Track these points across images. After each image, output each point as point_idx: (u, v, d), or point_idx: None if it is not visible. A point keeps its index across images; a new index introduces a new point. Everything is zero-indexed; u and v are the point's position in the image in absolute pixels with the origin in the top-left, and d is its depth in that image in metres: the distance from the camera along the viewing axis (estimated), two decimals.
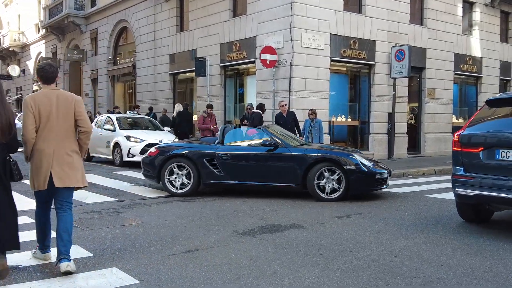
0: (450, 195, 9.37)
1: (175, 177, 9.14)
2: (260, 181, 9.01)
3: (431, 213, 7.73)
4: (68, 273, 4.46)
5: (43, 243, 4.88)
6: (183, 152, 9.23)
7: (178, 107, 18.48)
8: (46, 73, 4.59)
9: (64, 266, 4.47)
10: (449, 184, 11.05)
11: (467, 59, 19.70)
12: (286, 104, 12.20)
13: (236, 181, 9.11)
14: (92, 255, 5.14)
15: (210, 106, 15.23)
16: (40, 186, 4.52)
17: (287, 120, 11.94)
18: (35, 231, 4.90)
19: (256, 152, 9.11)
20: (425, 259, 5.10)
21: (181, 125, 17.04)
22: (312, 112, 12.90)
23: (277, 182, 8.94)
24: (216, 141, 9.52)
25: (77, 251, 5.25)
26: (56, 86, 4.69)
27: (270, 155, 8.98)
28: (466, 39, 19.67)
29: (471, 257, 5.24)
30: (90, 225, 6.56)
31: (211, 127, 14.85)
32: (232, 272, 4.59)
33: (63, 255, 4.53)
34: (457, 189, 6.43)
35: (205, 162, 9.08)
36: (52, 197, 4.71)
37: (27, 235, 5.61)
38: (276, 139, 9.11)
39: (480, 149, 6.21)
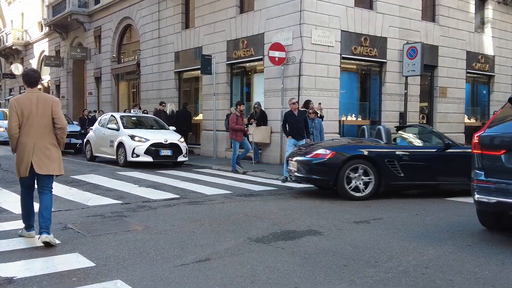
0: (471, 198, 9.00)
1: (355, 181, 8.69)
2: (437, 180, 9.14)
3: (455, 218, 7.28)
4: (46, 244, 5.22)
5: (27, 222, 5.65)
6: (365, 154, 8.80)
7: (171, 107, 18.20)
8: (30, 78, 5.44)
9: (44, 237, 5.24)
10: (468, 186, 10.83)
11: (480, 57, 19.21)
12: (297, 102, 11.43)
13: (416, 182, 9.07)
14: (94, 265, 4.70)
15: (241, 103, 13.86)
16: (23, 173, 5.39)
17: (298, 119, 11.09)
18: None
19: (432, 151, 9.23)
20: (459, 271, 4.65)
21: (179, 124, 16.65)
22: (313, 112, 12.49)
23: (453, 181, 9.12)
24: (384, 142, 9.23)
25: (77, 260, 4.83)
26: (39, 89, 5.61)
27: (447, 154, 9.10)
28: (478, 36, 19.18)
29: (508, 267, 4.79)
30: (93, 230, 6.14)
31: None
32: (249, 287, 4.14)
33: (43, 229, 5.31)
34: (477, 196, 5.94)
35: (386, 163, 8.77)
36: (33, 183, 5.53)
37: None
38: (447, 139, 9.36)
39: (503, 151, 5.71)
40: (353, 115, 16.01)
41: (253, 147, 14.85)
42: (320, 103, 13.62)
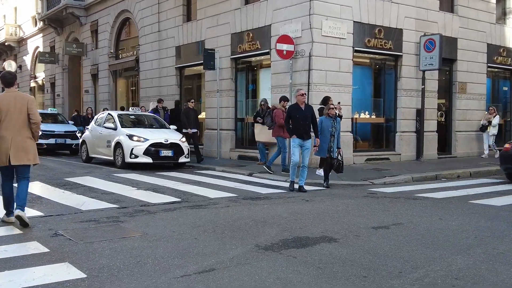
0: (497, 201, 8.79)
1: None
2: None
3: (483, 222, 6.97)
4: (18, 217, 6.23)
5: (8, 209, 6.56)
6: None
7: (154, 105, 18.01)
8: (6, 79, 6.46)
9: (17, 212, 6.26)
10: (492, 188, 10.61)
11: (501, 50, 18.87)
12: (305, 94, 10.45)
13: None
14: (86, 276, 4.45)
15: (286, 99, 13.03)
16: (2, 162, 6.28)
17: (304, 114, 9.99)
18: None
19: None
20: (494, 283, 4.36)
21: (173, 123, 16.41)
22: (335, 107, 12.14)
23: None
24: None
25: (67, 271, 4.58)
26: (16, 88, 6.65)
27: None
28: (500, 28, 18.84)
29: None
30: (85, 237, 5.89)
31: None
32: None
33: (19, 206, 6.31)
34: None
35: None
36: (13, 172, 6.49)
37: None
38: None
39: None
40: (367, 112, 15.70)
41: (259, 147, 14.66)
42: (339, 102, 13.27)
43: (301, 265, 4.83)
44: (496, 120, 16.86)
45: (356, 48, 14.60)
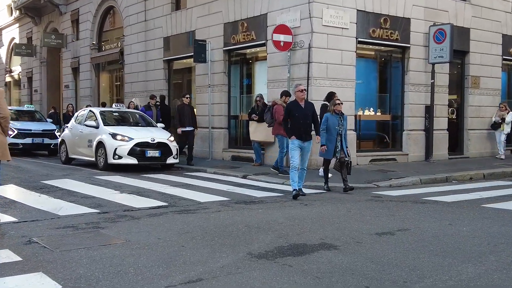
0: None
1: None
2: None
3: (496, 228, 6.98)
4: None
5: None
6: None
7: (137, 101, 18.08)
8: None
9: None
10: (507, 191, 10.63)
11: None
12: (305, 90, 10.25)
13: None
14: (61, 286, 4.44)
15: (288, 94, 12.92)
16: None
17: (305, 112, 9.82)
18: None
19: None
20: None
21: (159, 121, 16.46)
22: (341, 102, 12.13)
23: None
24: None
25: (41, 282, 4.57)
26: None
27: None
28: None
29: None
30: (62, 244, 5.87)
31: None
32: None
33: None
34: None
35: None
36: None
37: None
38: None
39: None
40: (371, 109, 15.72)
41: (254, 147, 14.66)
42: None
43: (298, 275, 4.81)
44: (510, 117, 16.82)
45: (359, 39, 14.62)
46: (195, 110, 17.26)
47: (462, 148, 17.66)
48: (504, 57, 18.52)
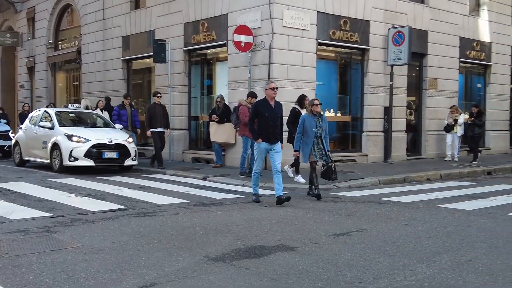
0: (467, 205, 9.03)
1: None
2: None
3: (451, 228, 7.13)
4: None
5: None
6: None
7: (85, 102, 17.94)
8: None
9: None
10: (463, 192, 10.88)
11: (474, 44, 19.39)
12: (277, 88, 9.40)
13: None
14: None
15: (254, 95, 12.82)
16: None
17: (274, 113, 9.25)
18: None
19: None
20: None
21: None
22: (319, 103, 12.12)
23: None
24: None
25: None
26: None
27: None
28: (473, 21, 19.36)
29: None
30: (12, 249, 5.71)
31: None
32: None
33: None
34: None
35: None
36: None
37: None
38: None
39: None
40: (332, 110, 15.85)
41: (214, 148, 14.60)
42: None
43: (254, 277, 4.80)
44: (462, 118, 16.83)
45: (320, 41, 14.75)
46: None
47: (420, 149, 18.00)
48: (461, 59, 18.92)
